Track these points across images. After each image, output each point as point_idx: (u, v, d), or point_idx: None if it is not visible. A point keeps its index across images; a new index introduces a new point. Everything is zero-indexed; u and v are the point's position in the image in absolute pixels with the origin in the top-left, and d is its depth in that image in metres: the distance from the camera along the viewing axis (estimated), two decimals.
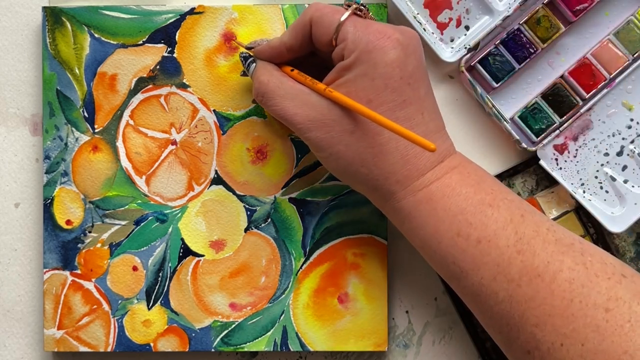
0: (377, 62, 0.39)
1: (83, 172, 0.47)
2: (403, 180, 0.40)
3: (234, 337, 0.47)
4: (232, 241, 0.47)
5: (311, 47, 0.43)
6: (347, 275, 0.47)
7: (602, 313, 0.37)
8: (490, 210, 0.39)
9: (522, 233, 0.39)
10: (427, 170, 0.40)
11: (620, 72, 0.47)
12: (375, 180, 0.41)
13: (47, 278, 0.47)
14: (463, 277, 0.40)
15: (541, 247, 0.38)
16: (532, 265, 0.38)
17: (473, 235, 0.39)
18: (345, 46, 0.40)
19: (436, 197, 0.40)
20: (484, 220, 0.39)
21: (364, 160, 0.40)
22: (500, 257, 0.38)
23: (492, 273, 0.39)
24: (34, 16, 0.49)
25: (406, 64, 0.40)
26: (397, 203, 0.41)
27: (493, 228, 0.39)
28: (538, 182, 0.48)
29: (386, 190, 0.41)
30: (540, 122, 0.47)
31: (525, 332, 0.38)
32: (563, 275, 0.38)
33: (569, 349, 0.37)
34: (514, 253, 0.38)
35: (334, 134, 0.41)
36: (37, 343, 0.49)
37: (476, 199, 0.40)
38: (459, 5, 0.47)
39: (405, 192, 0.40)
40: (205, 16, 0.47)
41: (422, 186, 0.40)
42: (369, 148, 0.40)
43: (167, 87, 0.47)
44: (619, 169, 0.47)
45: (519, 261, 0.38)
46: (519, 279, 0.38)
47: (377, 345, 0.47)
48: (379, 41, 0.40)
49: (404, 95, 0.40)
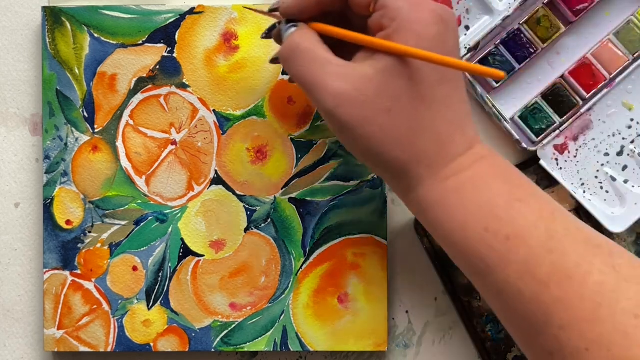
0: (420, 35, 0.37)
1: (83, 172, 0.47)
2: (434, 165, 0.38)
3: (234, 337, 0.47)
4: (232, 241, 0.47)
5: (342, 3, 0.39)
6: (347, 275, 0.47)
7: (632, 319, 0.35)
8: (521, 206, 0.37)
9: (554, 231, 0.37)
10: (458, 155, 0.38)
11: (620, 72, 0.47)
12: (406, 163, 0.38)
13: (47, 278, 0.47)
14: (488, 273, 0.37)
15: (572, 248, 0.36)
16: (563, 266, 0.36)
17: (502, 231, 0.37)
18: (385, 13, 0.37)
19: (466, 187, 0.38)
20: (514, 216, 0.37)
21: (398, 141, 0.37)
22: (529, 256, 0.36)
23: (519, 272, 0.36)
24: (33, 16, 0.49)
25: (447, 40, 0.38)
26: (424, 191, 0.38)
27: (523, 224, 0.37)
28: (538, 182, 0.48)
29: (414, 175, 0.38)
30: (540, 122, 0.47)
31: (549, 333, 0.36)
32: (593, 278, 0.36)
33: (595, 354, 0.35)
34: (544, 252, 0.36)
35: (367, 113, 0.37)
36: (37, 343, 0.49)
37: (507, 193, 0.37)
38: (459, 5, 0.47)
39: (434, 179, 0.38)
40: (205, 16, 0.47)
41: (452, 174, 0.38)
42: (405, 128, 0.37)
43: (167, 87, 0.47)
44: (619, 169, 0.47)
45: (548, 261, 0.36)
46: (548, 280, 0.36)
47: (377, 345, 0.47)
48: (422, 13, 0.37)
49: (444, 71, 0.38)
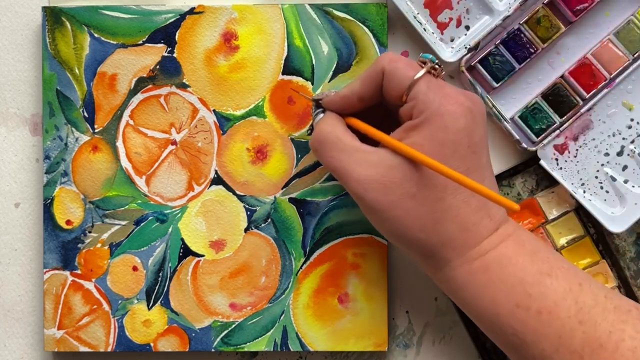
0: (448, 127, 0.38)
1: (83, 172, 0.47)
2: (460, 248, 0.39)
3: (234, 337, 0.47)
4: (232, 241, 0.47)
5: (381, 98, 0.42)
6: (347, 275, 0.47)
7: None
8: (549, 280, 0.39)
9: (583, 302, 0.38)
10: (484, 238, 0.39)
11: (620, 72, 0.47)
12: (432, 246, 0.40)
13: (47, 278, 0.47)
14: (523, 348, 0.39)
15: (602, 317, 0.38)
16: (595, 336, 0.38)
17: (533, 307, 0.38)
18: (415, 105, 0.39)
19: (493, 267, 0.39)
20: (543, 291, 0.39)
21: (423, 225, 0.39)
22: (562, 329, 0.38)
23: (554, 345, 0.38)
24: (34, 16, 0.49)
25: (474, 132, 0.39)
26: (452, 271, 0.40)
27: (553, 299, 0.38)
28: (538, 182, 0.48)
29: (441, 257, 0.40)
30: (540, 122, 0.47)
31: None
32: (626, 345, 0.37)
33: None
34: (575, 324, 0.38)
35: (393, 197, 0.39)
36: (37, 343, 0.49)
37: (534, 269, 0.39)
38: (459, 5, 0.47)
39: (461, 260, 0.40)
40: (205, 16, 0.47)
41: (479, 255, 0.39)
42: (429, 214, 0.39)
43: (167, 87, 0.47)
44: (619, 169, 0.47)
45: (580, 332, 0.38)
46: (581, 350, 0.38)
47: (377, 345, 0.47)
48: (451, 106, 0.39)
49: (468, 163, 0.39)
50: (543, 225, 0.48)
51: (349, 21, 0.47)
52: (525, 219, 0.48)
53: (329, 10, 0.47)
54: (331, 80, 0.47)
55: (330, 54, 0.47)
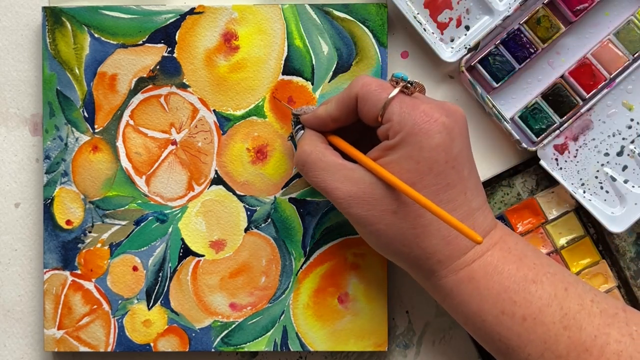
0: (423, 146, 0.39)
1: (83, 172, 0.47)
2: (445, 260, 0.40)
3: (234, 337, 0.47)
4: (232, 241, 0.47)
5: (356, 118, 0.42)
6: (347, 275, 0.47)
7: None
8: (534, 287, 0.39)
9: (568, 308, 0.39)
10: (468, 249, 0.40)
11: (620, 72, 0.47)
12: (416, 259, 0.41)
13: (47, 278, 0.47)
14: (510, 353, 0.40)
15: (587, 321, 0.39)
16: (580, 340, 0.38)
17: (518, 313, 0.39)
18: (391, 126, 0.40)
19: (478, 275, 0.40)
20: (528, 298, 0.39)
21: (405, 239, 0.40)
22: (546, 334, 0.39)
23: (539, 350, 0.39)
24: (34, 16, 0.49)
25: (451, 147, 0.39)
26: (439, 281, 0.41)
27: (538, 305, 0.39)
28: (538, 182, 0.48)
29: (427, 269, 0.41)
30: (540, 122, 0.47)
31: None
32: (611, 349, 0.38)
33: None
34: (560, 329, 0.39)
35: (375, 212, 0.40)
36: (37, 343, 0.49)
37: (519, 276, 0.40)
38: (459, 5, 0.47)
39: (446, 271, 0.40)
40: (205, 16, 0.47)
41: (464, 265, 0.40)
42: (411, 229, 0.40)
43: (167, 87, 0.47)
44: (619, 169, 0.47)
45: (565, 337, 0.39)
46: (567, 355, 0.38)
47: (377, 346, 0.47)
48: (425, 124, 0.39)
49: (448, 179, 0.40)
50: (543, 225, 0.48)
51: (349, 21, 0.47)
52: (525, 219, 0.48)
53: (329, 10, 0.47)
54: (331, 81, 0.47)
55: (330, 54, 0.47)
